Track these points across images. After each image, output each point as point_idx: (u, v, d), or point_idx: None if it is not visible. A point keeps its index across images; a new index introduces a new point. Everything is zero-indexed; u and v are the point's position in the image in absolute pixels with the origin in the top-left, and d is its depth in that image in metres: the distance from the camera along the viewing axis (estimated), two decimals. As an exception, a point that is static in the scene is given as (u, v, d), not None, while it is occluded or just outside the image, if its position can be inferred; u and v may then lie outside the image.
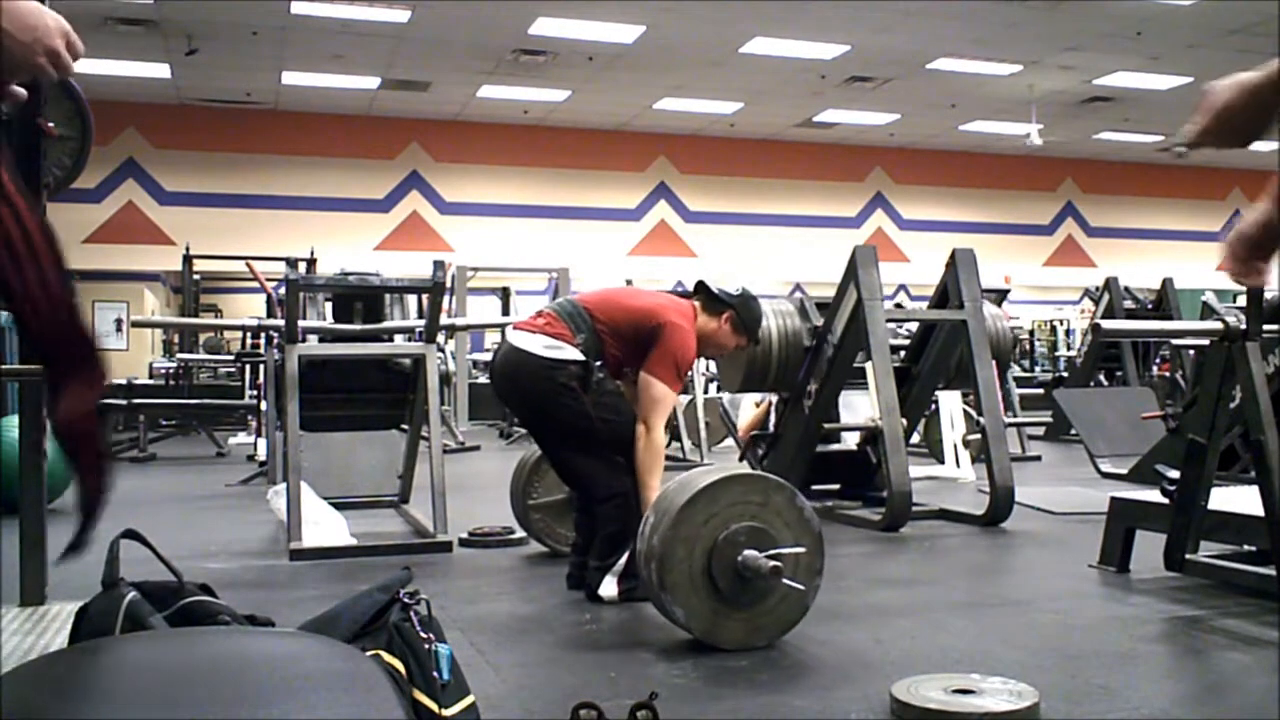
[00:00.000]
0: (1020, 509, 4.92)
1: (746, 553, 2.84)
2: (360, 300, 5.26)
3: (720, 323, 3.80)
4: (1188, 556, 3.48)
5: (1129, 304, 9.98)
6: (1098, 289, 10.15)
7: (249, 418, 9.73)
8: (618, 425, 3.56)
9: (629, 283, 8.63)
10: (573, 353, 3.54)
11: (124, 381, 9.99)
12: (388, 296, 5.56)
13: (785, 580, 2.82)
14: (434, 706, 1.78)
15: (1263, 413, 3.20)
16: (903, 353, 5.81)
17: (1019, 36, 10.88)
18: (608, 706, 2.18)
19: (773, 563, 2.80)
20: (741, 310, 3.83)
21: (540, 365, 3.52)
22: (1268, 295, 4.07)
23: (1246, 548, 3.69)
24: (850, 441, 5.93)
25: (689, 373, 3.67)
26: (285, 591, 3.72)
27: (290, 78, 12.52)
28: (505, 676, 2.68)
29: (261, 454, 7.52)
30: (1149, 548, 3.71)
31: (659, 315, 3.61)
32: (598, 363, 3.59)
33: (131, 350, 15.57)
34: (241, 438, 9.93)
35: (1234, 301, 8.46)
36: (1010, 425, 6.96)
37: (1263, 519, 3.18)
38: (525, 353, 3.56)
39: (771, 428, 6.12)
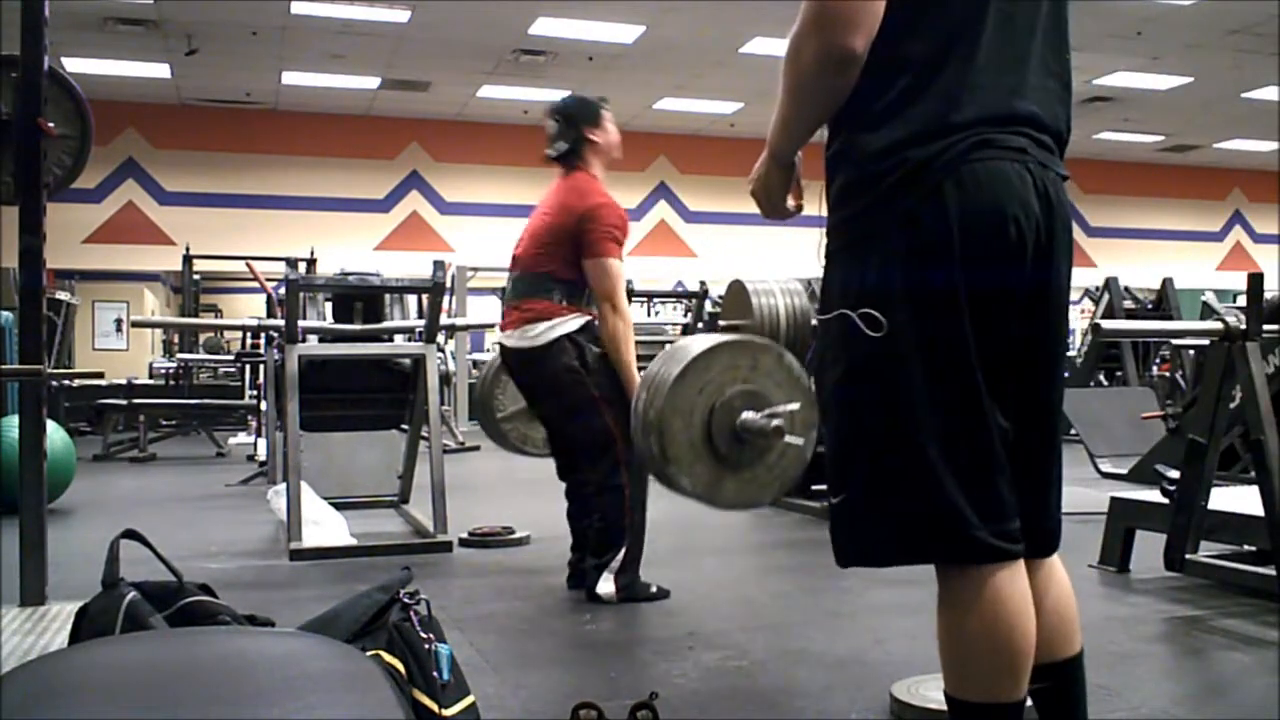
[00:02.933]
0: (1020, 509, 4.98)
1: (745, 415, 2.86)
2: (360, 300, 5.26)
3: (592, 144, 3.70)
4: (1188, 556, 3.48)
5: (1129, 304, 9.98)
6: (1098, 289, 10.15)
7: (249, 418, 9.73)
8: (620, 405, 3.48)
9: (629, 283, 8.61)
10: (560, 322, 3.50)
11: (124, 381, 10.01)
12: (388, 296, 5.56)
13: (786, 438, 2.85)
14: (434, 706, 1.78)
15: (1263, 413, 3.20)
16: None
17: (1019, 36, 10.85)
18: (608, 706, 2.18)
19: (775, 421, 2.82)
20: (581, 119, 3.70)
21: (538, 354, 3.51)
22: (1268, 295, 4.06)
23: (1246, 548, 3.69)
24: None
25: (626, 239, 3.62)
26: (285, 591, 3.72)
27: (290, 78, 12.51)
28: (505, 676, 2.68)
29: (261, 454, 7.52)
30: (1149, 548, 3.71)
31: (573, 209, 3.54)
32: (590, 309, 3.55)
33: (131, 350, 15.58)
34: (241, 438, 9.93)
35: (1234, 301, 8.46)
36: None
37: (1263, 519, 3.19)
38: (517, 350, 3.56)
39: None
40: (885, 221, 1.49)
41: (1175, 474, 3.55)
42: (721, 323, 5.83)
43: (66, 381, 10.43)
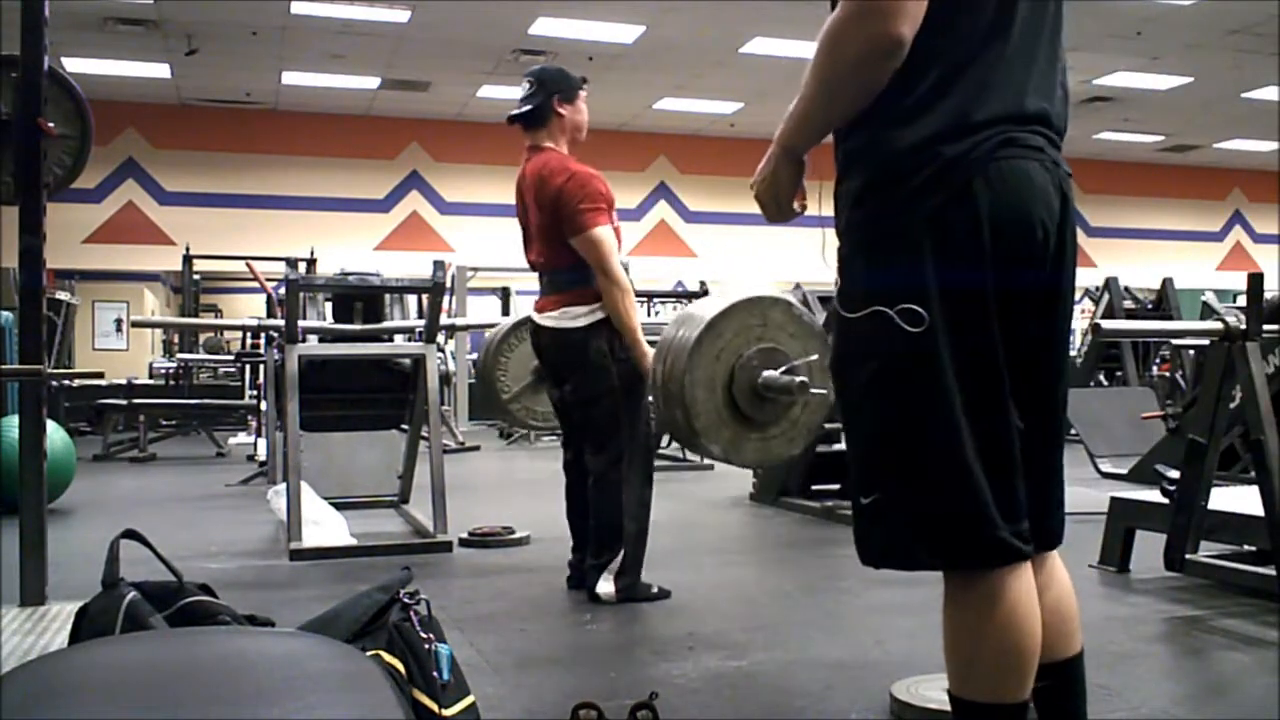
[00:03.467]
0: (1020, 509, 4.98)
1: (765, 374, 2.86)
2: (360, 300, 5.26)
3: (558, 116, 3.64)
4: (1188, 556, 3.48)
5: (1129, 304, 9.98)
6: (1098, 289, 10.16)
7: (249, 418, 9.72)
8: (635, 404, 3.49)
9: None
10: (601, 311, 3.46)
11: (124, 381, 10.01)
12: (388, 296, 5.56)
13: (811, 390, 2.86)
14: (434, 706, 1.78)
15: (1263, 413, 3.20)
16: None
17: (1019, 36, 10.85)
18: (608, 706, 2.18)
19: (799, 378, 2.82)
20: (554, 87, 3.65)
21: (576, 334, 3.48)
22: (1268, 295, 4.06)
23: (1246, 548, 3.69)
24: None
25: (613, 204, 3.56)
26: (285, 591, 3.72)
27: (290, 78, 12.52)
28: (505, 676, 2.68)
29: (261, 454, 7.52)
30: (1149, 548, 3.71)
31: (548, 196, 3.50)
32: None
33: (131, 350, 15.57)
34: (241, 438, 9.93)
35: (1234, 301, 8.47)
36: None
37: (1263, 519, 3.19)
38: (556, 330, 3.52)
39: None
40: (913, 220, 1.47)
41: (1175, 474, 3.55)
42: None
43: (66, 381, 10.43)
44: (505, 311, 12.05)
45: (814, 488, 5.66)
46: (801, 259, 15.94)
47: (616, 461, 3.49)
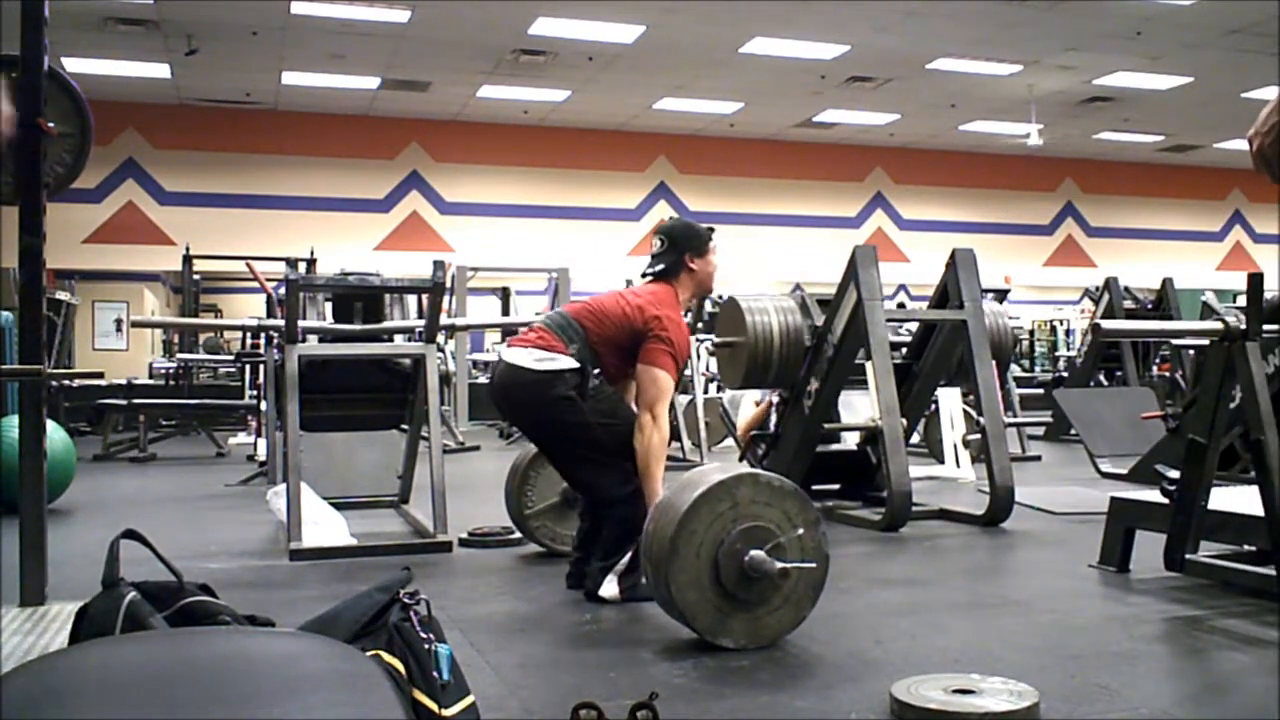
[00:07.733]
0: (1020, 509, 4.92)
1: (751, 554, 2.86)
2: (360, 300, 5.26)
3: (689, 271, 3.79)
4: (1188, 556, 3.48)
5: (1129, 304, 9.98)
6: (1098, 289, 10.15)
7: (249, 418, 9.72)
8: (617, 428, 3.57)
9: (629, 283, 8.61)
10: (566, 361, 3.56)
11: (124, 381, 10.01)
12: (388, 296, 5.56)
13: (796, 565, 2.84)
14: (434, 706, 1.78)
15: (1263, 413, 3.20)
16: (904, 349, 5.81)
17: (1019, 36, 10.87)
18: (608, 706, 2.18)
19: (779, 565, 2.82)
20: (686, 245, 3.79)
21: (535, 379, 3.55)
22: (1268, 295, 4.06)
23: (1246, 548, 3.69)
24: (850, 441, 5.93)
25: (686, 362, 3.69)
26: (285, 591, 3.72)
27: (290, 78, 12.52)
28: (505, 676, 2.68)
29: (261, 454, 7.52)
30: (1149, 548, 3.71)
31: (645, 312, 3.64)
32: (595, 370, 3.62)
33: (131, 350, 15.58)
34: (241, 438, 9.93)
35: (1234, 301, 8.47)
36: (1010, 425, 6.96)
37: (1263, 519, 3.19)
38: (519, 368, 3.59)
39: (772, 427, 6.12)
40: None
41: (1175, 474, 3.55)
42: (716, 340, 5.84)
43: (66, 381, 10.44)
44: (505, 311, 12.04)
45: (814, 487, 5.66)
46: (800, 260, 15.95)
47: (625, 477, 3.54)
